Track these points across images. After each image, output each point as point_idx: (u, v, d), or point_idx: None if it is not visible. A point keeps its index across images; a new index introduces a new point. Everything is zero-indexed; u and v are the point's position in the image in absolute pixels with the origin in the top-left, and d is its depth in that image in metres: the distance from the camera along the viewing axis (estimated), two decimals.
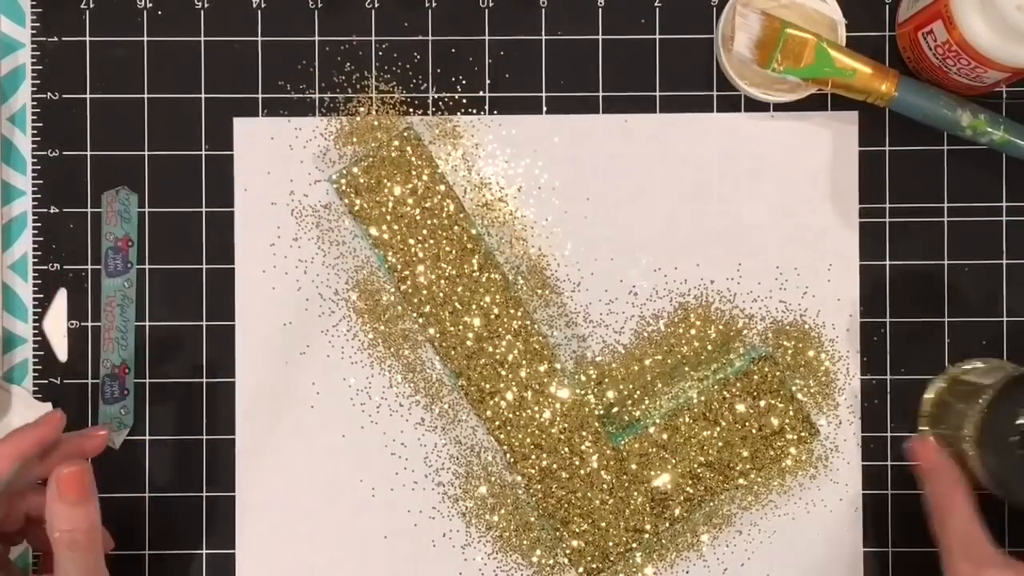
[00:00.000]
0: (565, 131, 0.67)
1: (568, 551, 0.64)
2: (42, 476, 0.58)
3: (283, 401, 0.66)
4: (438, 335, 0.65)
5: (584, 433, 0.64)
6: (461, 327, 0.64)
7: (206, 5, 0.67)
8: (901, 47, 0.66)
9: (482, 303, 0.64)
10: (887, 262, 0.67)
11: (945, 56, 0.61)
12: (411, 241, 0.64)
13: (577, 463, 0.64)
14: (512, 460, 0.64)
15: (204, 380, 0.67)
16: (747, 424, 0.64)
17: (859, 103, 0.65)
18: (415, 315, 0.65)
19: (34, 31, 0.67)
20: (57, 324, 0.67)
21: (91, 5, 0.67)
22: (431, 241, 0.64)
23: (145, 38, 0.67)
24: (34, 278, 0.67)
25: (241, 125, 0.67)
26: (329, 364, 0.66)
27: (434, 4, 0.67)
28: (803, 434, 0.64)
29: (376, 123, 0.66)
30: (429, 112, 0.67)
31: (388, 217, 0.64)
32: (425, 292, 0.64)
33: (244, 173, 0.67)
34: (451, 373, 0.65)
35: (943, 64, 0.62)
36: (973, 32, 0.59)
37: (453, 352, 0.65)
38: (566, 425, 0.64)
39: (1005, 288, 0.67)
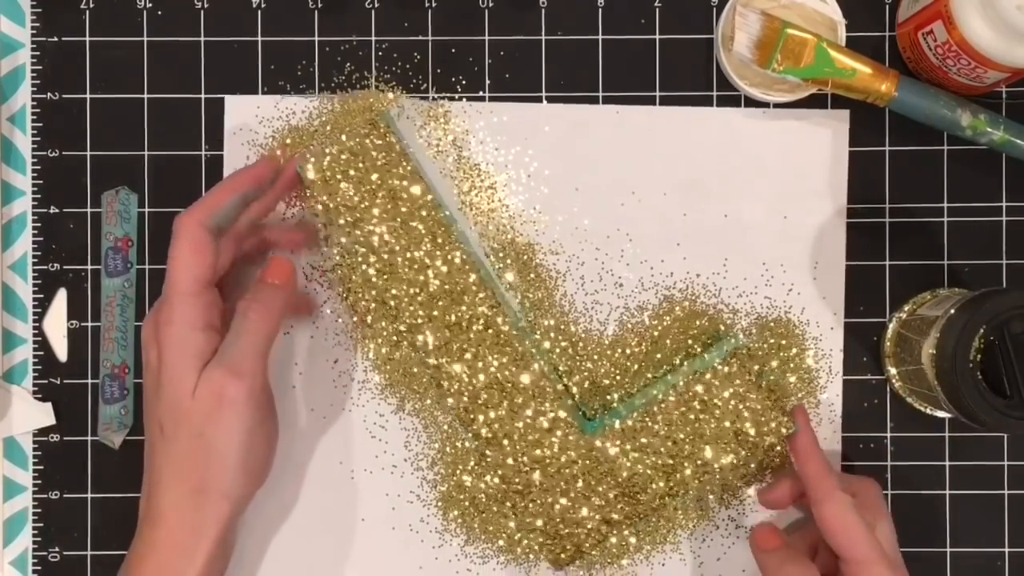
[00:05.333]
0: (557, 120, 0.66)
1: (539, 540, 0.64)
2: (253, 219, 0.62)
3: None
4: (408, 324, 0.63)
5: (557, 420, 0.63)
6: (434, 313, 0.63)
7: (206, 5, 0.67)
8: (901, 47, 0.66)
9: (455, 289, 0.63)
10: (887, 262, 0.67)
11: (945, 56, 0.61)
12: (381, 229, 0.62)
13: (549, 454, 0.63)
14: (483, 449, 0.63)
15: None
16: (722, 418, 0.63)
17: (857, 102, 0.65)
18: (384, 301, 0.63)
19: (34, 31, 0.67)
20: (57, 324, 0.67)
21: (91, 5, 0.67)
22: (401, 231, 0.62)
23: (145, 38, 0.67)
24: (34, 278, 0.67)
25: (232, 103, 0.67)
26: (313, 345, 0.66)
27: (434, 4, 0.67)
28: (782, 428, 0.62)
29: (369, 102, 0.65)
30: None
31: (360, 205, 0.62)
32: (388, 277, 0.63)
33: (233, 152, 0.67)
34: (423, 361, 0.64)
35: (943, 64, 0.62)
36: (973, 32, 0.59)
37: (424, 340, 0.63)
38: (538, 412, 0.63)
39: None
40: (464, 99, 0.66)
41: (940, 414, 0.65)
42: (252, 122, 0.67)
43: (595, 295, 0.66)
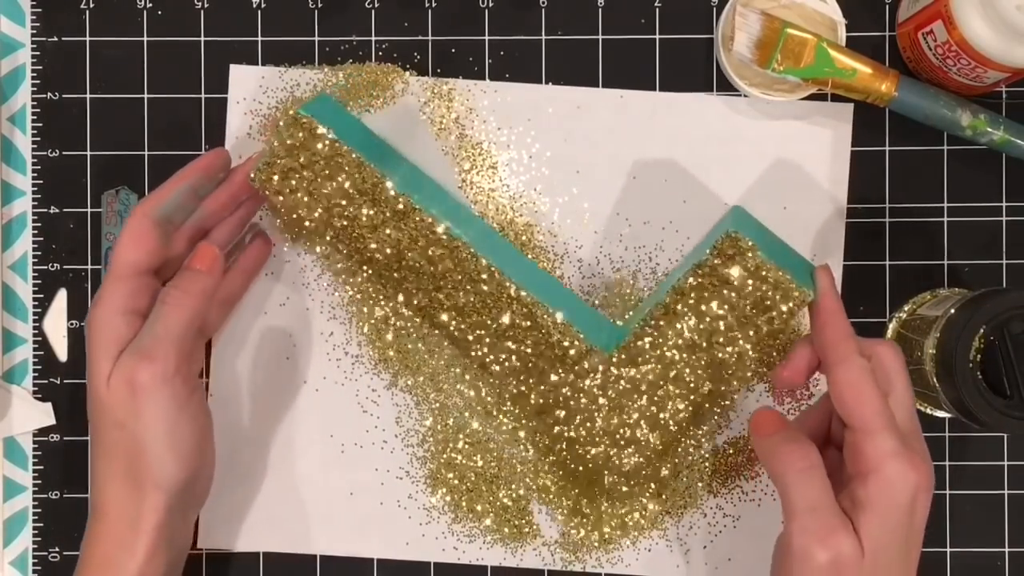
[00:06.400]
0: (560, 102, 0.67)
1: (626, 468, 0.62)
2: (205, 220, 0.62)
3: (259, 351, 0.66)
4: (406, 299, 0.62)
5: (578, 348, 0.61)
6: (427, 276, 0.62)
7: (206, 5, 0.67)
8: (901, 47, 0.66)
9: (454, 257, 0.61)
10: (887, 262, 0.67)
11: (945, 56, 0.61)
12: (341, 225, 0.61)
13: (571, 389, 0.61)
14: (504, 387, 0.62)
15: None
16: (735, 305, 0.59)
17: (857, 102, 0.65)
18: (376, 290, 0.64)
19: (34, 31, 0.67)
20: (57, 324, 0.67)
21: (91, 5, 0.67)
22: (365, 222, 0.61)
23: (145, 38, 0.67)
24: (34, 278, 0.67)
25: (237, 73, 0.67)
26: (308, 317, 0.66)
27: (434, 4, 0.67)
28: (794, 298, 0.58)
29: (376, 76, 0.66)
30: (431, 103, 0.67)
31: (319, 213, 0.61)
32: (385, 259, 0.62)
33: (237, 122, 0.67)
34: (429, 335, 0.64)
35: (943, 64, 0.62)
36: (973, 32, 0.59)
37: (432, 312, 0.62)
38: (553, 343, 0.61)
39: None
40: (468, 78, 0.67)
41: (940, 414, 0.65)
42: (256, 92, 0.67)
43: (592, 278, 0.66)
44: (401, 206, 0.60)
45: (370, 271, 0.62)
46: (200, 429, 0.59)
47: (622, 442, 0.61)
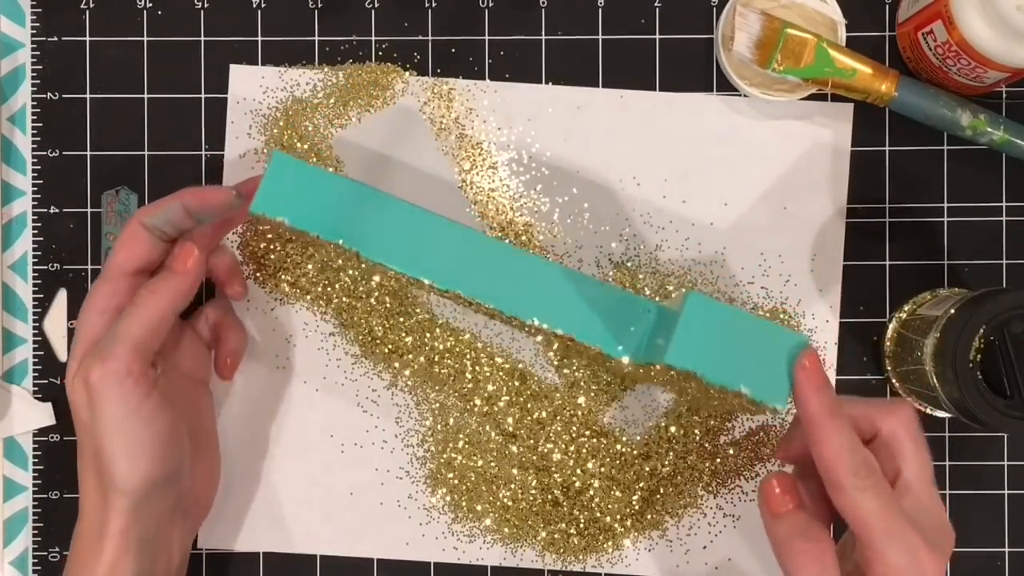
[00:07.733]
0: (560, 102, 0.67)
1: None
2: (199, 244, 0.60)
3: (257, 352, 0.66)
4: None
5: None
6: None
7: (206, 5, 0.67)
8: (901, 47, 0.66)
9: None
10: (887, 262, 0.67)
11: (945, 56, 0.61)
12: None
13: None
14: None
15: None
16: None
17: (857, 102, 0.65)
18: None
19: (34, 31, 0.67)
20: (57, 324, 0.67)
21: (91, 5, 0.67)
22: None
23: (145, 38, 0.67)
24: (34, 278, 0.67)
25: (237, 73, 0.67)
26: (308, 318, 0.67)
27: (434, 4, 0.67)
28: (763, 412, 0.55)
29: (375, 76, 0.66)
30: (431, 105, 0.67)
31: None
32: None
33: (236, 118, 0.67)
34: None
35: (943, 64, 0.62)
36: (973, 32, 0.59)
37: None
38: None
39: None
40: (468, 78, 0.67)
41: (940, 414, 0.65)
42: (256, 92, 0.67)
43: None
44: (378, 275, 0.62)
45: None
46: (161, 432, 0.57)
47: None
